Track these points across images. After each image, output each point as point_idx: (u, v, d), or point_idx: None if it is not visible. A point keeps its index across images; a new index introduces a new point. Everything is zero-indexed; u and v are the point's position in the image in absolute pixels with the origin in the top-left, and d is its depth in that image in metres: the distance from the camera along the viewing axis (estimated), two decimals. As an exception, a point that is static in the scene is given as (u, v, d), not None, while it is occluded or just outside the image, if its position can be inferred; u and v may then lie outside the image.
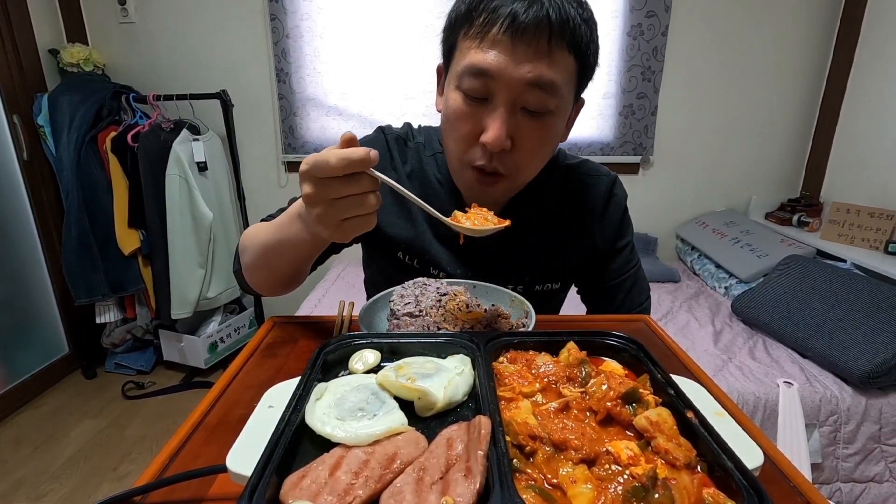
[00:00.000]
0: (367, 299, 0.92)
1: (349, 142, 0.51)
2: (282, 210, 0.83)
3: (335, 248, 0.83)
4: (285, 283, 0.73)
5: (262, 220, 0.82)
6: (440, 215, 0.57)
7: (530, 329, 0.60)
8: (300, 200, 0.59)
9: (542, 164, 0.73)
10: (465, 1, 0.65)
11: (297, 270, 0.71)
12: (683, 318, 1.96)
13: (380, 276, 0.89)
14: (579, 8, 0.62)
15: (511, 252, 0.81)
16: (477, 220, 0.57)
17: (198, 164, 2.19)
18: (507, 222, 0.58)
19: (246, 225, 2.44)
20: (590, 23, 0.63)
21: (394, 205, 0.82)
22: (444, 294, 0.66)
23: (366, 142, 0.84)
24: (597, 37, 0.66)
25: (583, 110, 0.75)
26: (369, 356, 0.49)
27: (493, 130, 0.63)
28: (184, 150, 2.14)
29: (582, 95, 0.72)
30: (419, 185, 0.81)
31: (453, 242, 0.81)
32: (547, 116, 0.65)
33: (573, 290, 0.94)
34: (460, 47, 0.65)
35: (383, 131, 0.84)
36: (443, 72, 0.74)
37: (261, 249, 0.68)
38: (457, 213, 0.58)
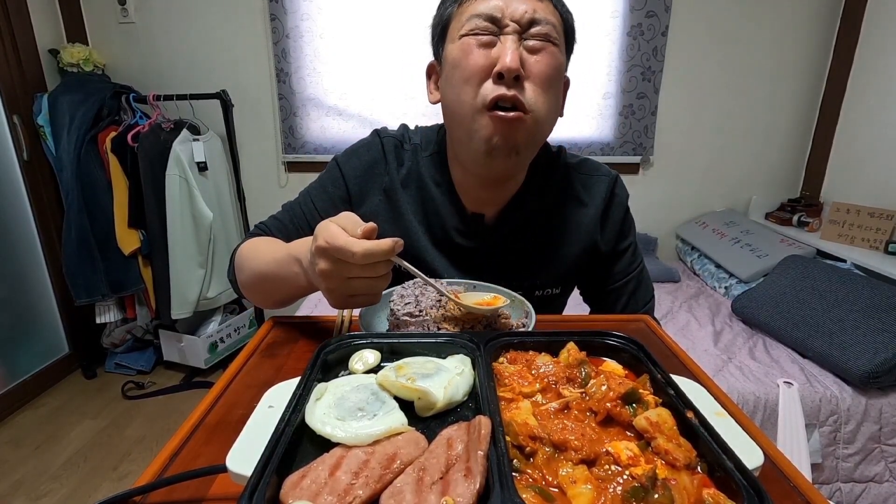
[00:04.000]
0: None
1: (371, 232, 0.52)
2: (274, 218, 0.84)
3: None
4: (278, 305, 0.76)
5: (259, 229, 0.83)
6: (450, 294, 0.61)
7: (530, 329, 0.60)
8: (299, 244, 0.63)
9: (553, 112, 0.72)
10: None
11: (292, 300, 0.73)
12: (683, 318, 1.96)
13: None
14: None
15: (510, 257, 0.81)
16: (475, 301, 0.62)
17: (198, 164, 2.19)
18: (507, 301, 0.62)
19: (246, 225, 2.44)
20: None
21: (388, 210, 0.81)
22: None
23: (361, 145, 0.84)
24: (570, 11, 0.73)
25: (583, 110, 0.75)
26: (369, 356, 0.49)
27: (507, 55, 0.65)
28: (184, 150, 2.14)
29: (567, 75, 0.74)
30: (415, 188, 0.81)
31: (450, 250, 0.81)
32: (549, 48, 0.68)
33: (574, 292, 0.93)
34: (456, 15, 0.70)
35: (379, 135, 0.84)
36: (434, 66, 0.76)
37: (256, 275, 0.71)
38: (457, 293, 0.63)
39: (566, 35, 0.71)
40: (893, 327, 1.48)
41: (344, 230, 0.52)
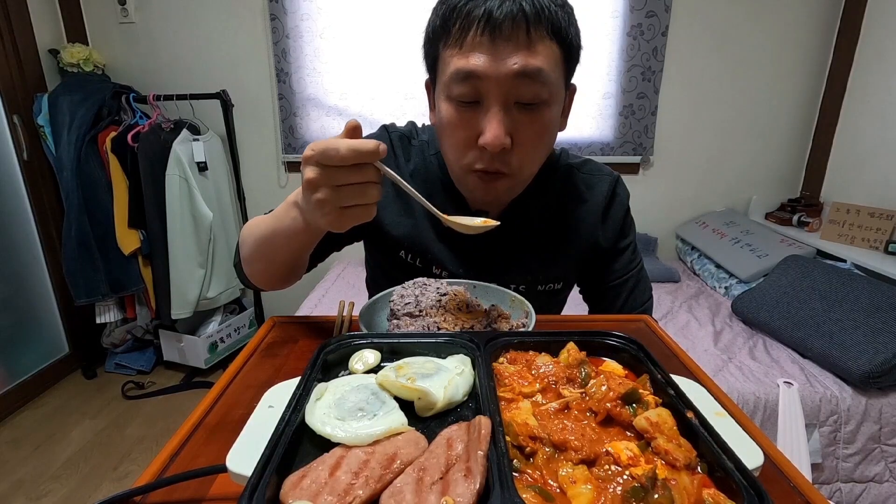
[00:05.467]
0: (368, 298, 0.92)
1: (354, 130, 0.51)
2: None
3: (336, 245, 0.83)
4: (283, 276, 0.73)
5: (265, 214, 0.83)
6: (436, 210, 0.58)
7: (530, 329, 0.60)
8: (298, 189, 0.60)
9: (544, 157, 0.73)
10: (438, 13, 0.65)
11: (294, 262, 0.70)
12: (683, 318, 1.96)
13: (381, 275, 0.89)
14: None
15: (514, 252, 0.81)
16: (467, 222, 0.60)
17: (198, 164, 2.19)
18: (496, 223, 0.60)
19: (246, 225, 2.44)
20: (565, 7, 0.63)
21: (396, 203, 0.82)
22: (444, 294, 0.66)
23: (370, 138, 0.84)
24: (575, 19, 0.65)
25: (583, 110, 0.75)
26: (369, 356, 0.49)
27: (490, 131, 0.63)
28: (184, 150, 2.14)
29: (573, 81, 0.72)
30: (422, 183, 0.81)
31: (455, 241, 0.81)
32: (542, 107, 0.65)
33: (575, 290, 0.94)
34: (443, 58, 0.65)
35: (387, 129, 0.84)
36: (430, 86, 0.74)
37: (258, 240, 0.68)
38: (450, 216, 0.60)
39: (567, 59, 0.66)
40: (893, 327, 1.48)
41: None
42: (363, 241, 0.89)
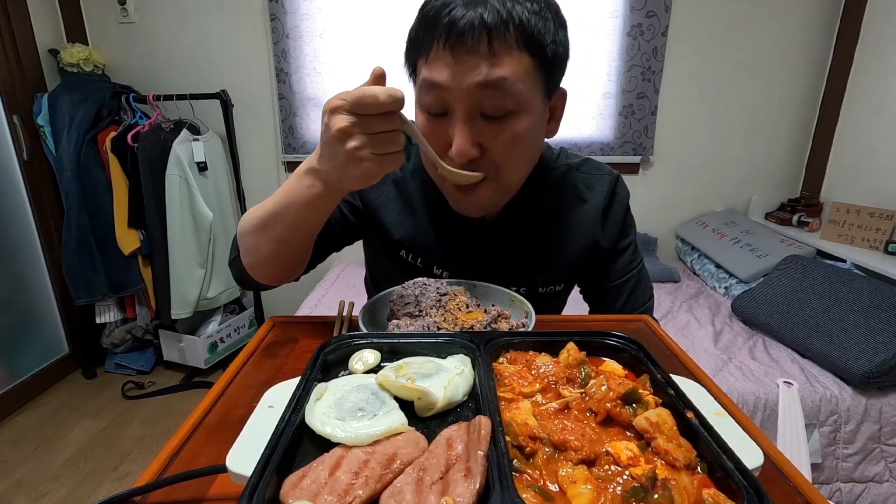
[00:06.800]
0: (368, 299, 0.92)
1: (381, 77, 0.51)
2: None
3: (336, 245, 0.83)
4: (289, 262, 0.70)
5: None
6: (433, 153, 0.60)
7: (530, 329, 0.60)
8: (309, 158, 0.59)
9: (527, 164, 0.72)
10: (415, 21, 0.66)
11: (305, 241, 0.68)
12: (683, 318, 1.96)
13: (381, 275, 0.89)
14: (527, 2, 0.59)
15: (514, 254, 0.81)
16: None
17: (198, 164, 2.19)
18: (481, 175, 0.64)
19: (246, 225, 2.44)
20: (542, 13, 0.60)
21: (398, 202, 0.82)
22: (444, 294, 0.67)
23: None
24: (555, 25, 0.62)
25: (583, 110, 0.75)
26: (369, 356, 0.49)
27: (456, 143, 0.63)
28: (184, 150, 2.14)
29: (563, 86, 0.70)
30: (420, 183, 0.81)
31: (456, 242, 0.81)
32: (509, 118, 0.63)
33: (575, 290, 0.93)
34: (418, 69, 0.66)
35: None
36: None
37: (263, 223, 0.64)
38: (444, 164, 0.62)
39: (546, 67, 0.63)
40: (893, 327, 1.48)
41: None
42: (363, 240, 0.89)
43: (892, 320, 1.49)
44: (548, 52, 0.62)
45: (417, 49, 0.65)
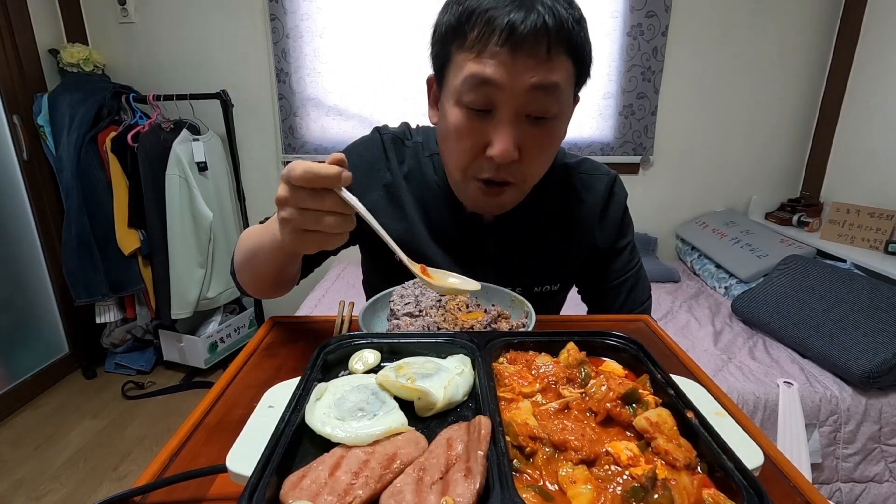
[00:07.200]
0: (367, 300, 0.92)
1: (338, 162, 0.50)
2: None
3: (333, 250, 0.83)
4: (270, 287, 0.74)
5: (260, 223, 0.82)
6: (408, 261, 0.57)
7: (530, 329, 0.60)
8: None
9: (547, 168, 0.73)
10: (453, 13, 0.62)
11: (279, 276, 0.71)
12: (683, 318, 1.96)
13: (377, 279, 0.89)
14: (570, 9, 0.60)
15: (509, 254, 0.81)
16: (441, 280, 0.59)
17: (198, 164, 2.19)
18: (477, 286, 0.58)
19: (246, 225, 2.44)
20: (581, 22, 0.62)
21: (389, 206, 0.81)
22: (444, 294, 0.66)
23: (361, 143, 0.83)
24: (589, 35, 0.64)
25: (583, 110, 0.75)
26: (369, 356, 0.49)
27: (500, 143, 0.62)
28: (184, 150, 2.14)
29: (579, 95, 0.71)
30: (416, 185, 0.81)
31: (450, 245, 0.81)
32: (551, 121, 0.64)
33: (573, 290, 0.93)
34: (455, 61, 0.63)
35: (379, 132, 0.83)
36: (433, 83, 0.73)
37: (247, 252, 0.70)
38: (426, 268, 0.59)
39: (579, 75, 0.65)
40: (893, 327, 1.48)
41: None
42: (358, 245, 0.88)
43: (892, 320, 1.49)
44: (586, 61, 0.64)
45: (460, 42, 0.62)
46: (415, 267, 0.57)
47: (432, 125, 0.77)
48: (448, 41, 0.64)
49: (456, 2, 0.63)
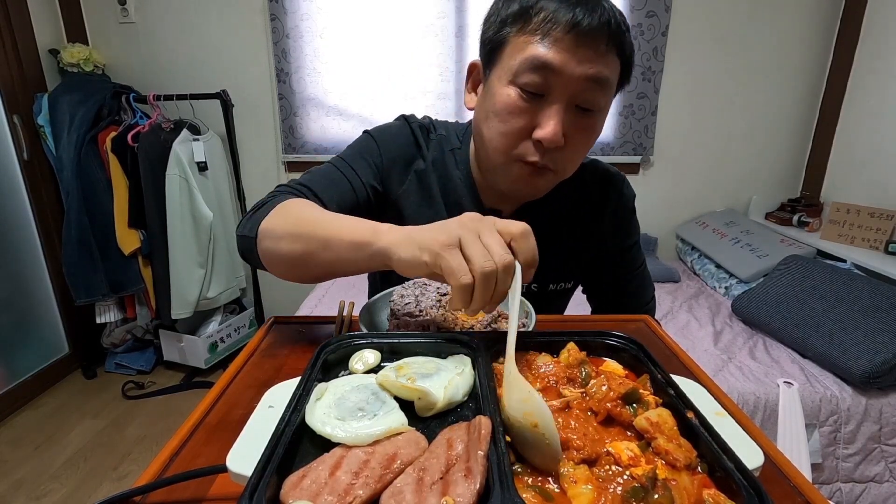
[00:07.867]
0: (371, 292, 0.92)
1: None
2: (301, 184, 0.74)
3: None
4: (313, 278, 0.66)
5: (294, 190, 0.73)
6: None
7: (530, 329, 0.60)
8: (394, 238, 0.53)
9: (581, 161, 0.74)
10: (516, 1, 0.65)
11: (336, 274, 0.64)
12: (683, 318, 1.96)
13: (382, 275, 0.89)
14: (622, 17, 0.65)
15: None
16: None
17: (198, 164, 2.19)
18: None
19: (246, 225, 2.43)
20: (625, 24, 0.67)
21: (417, 192, 0.81)
22: (445, 294, 0.66)
23: (392, 126, 0.83)
24: (632, 44, 0.69)
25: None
26: (369, 356, 0.49)
27: (550, 127, 0.64)
28: (184, 150, 2.14)
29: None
30: (439, 176, 0.81)
31: None
32: (596, 114, 0.67)
33: (576, 292, 0.94)
34: (513, 42, 0.65)
35: (407, 119, 0.84)
36: (476, 68, 0.74)
37: (311, 238, 0.59)
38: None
39: (622, 76, 0.70)
40: (893, 327, 1.48)
41: None
42: None
43: (892, 320, 1.49)
44: (630, 65, 0.69)
45: (523, 26, 0.64)
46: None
47: (469, 109, 0.77)
48: (509, 23, 0.66)
49: None
